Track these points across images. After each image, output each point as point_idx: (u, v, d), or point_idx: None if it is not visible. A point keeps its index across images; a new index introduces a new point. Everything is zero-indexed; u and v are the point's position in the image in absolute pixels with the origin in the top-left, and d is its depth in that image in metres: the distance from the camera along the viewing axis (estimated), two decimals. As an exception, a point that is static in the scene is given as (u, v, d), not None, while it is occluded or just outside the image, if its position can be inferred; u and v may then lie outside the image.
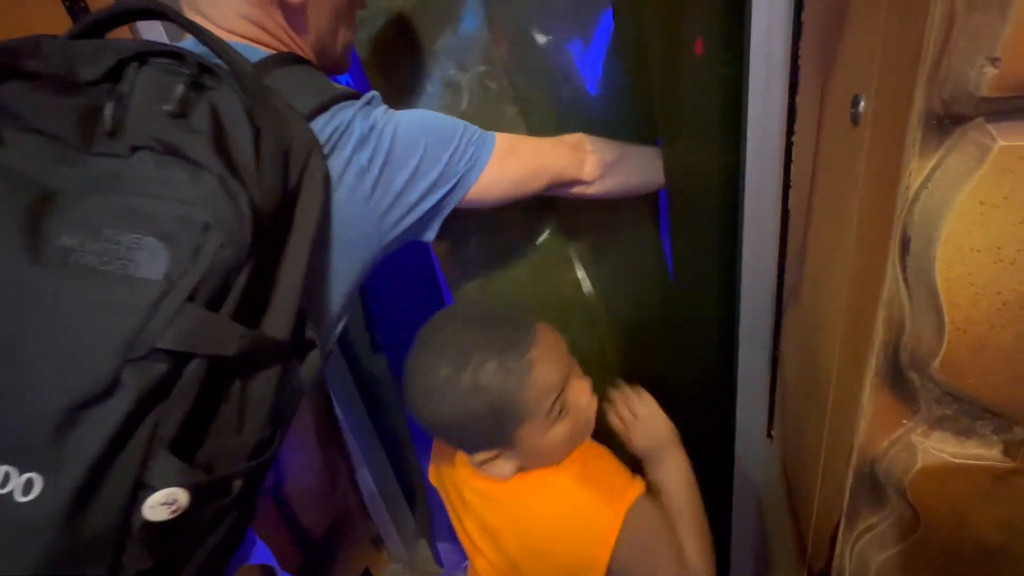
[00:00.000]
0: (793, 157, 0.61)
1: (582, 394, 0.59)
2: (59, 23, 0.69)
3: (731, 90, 0.70)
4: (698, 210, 0.82)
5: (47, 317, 0.35)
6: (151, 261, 0.36)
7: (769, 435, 0.83)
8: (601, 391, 0.98)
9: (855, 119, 0.39)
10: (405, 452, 1.28)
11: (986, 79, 0.26)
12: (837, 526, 0.47)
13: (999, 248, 0.30)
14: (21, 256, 0.35)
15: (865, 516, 0.45)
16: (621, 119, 0.81)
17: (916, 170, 0.31)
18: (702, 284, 0.88)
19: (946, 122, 0.29)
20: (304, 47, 0.55)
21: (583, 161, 0.65)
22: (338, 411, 1.13)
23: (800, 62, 0.56)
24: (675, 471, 0.64)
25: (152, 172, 0.38)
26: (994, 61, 0.26)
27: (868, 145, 0.37)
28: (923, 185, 0.31)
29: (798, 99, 0.57)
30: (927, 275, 0.32)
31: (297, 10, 0.52)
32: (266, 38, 0.52)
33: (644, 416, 0.67)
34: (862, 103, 0.37)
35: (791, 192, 0.62)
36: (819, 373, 0.51)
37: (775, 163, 0.66)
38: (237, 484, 0.41)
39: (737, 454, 0.93)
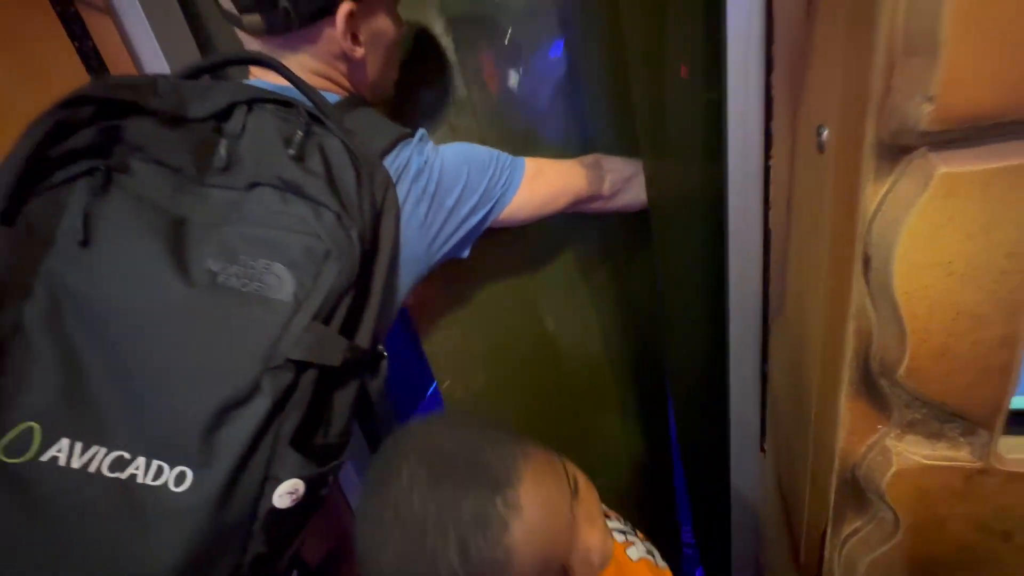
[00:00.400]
0: (771, 179, 0.64)
1: (592, 551, 0.42)
2: (68, 61, 0.72)
3: (712, 117, 0.75)
4: (685, 232, 0.85)
5: (199, 331, 0.41)
6: (280, 284, 0.42)
7: (762, 449, 0.85)
8: (594, 411, 1.01)
9: (820, 147, 0.42)
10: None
11: (925, 115, 0.29)
12: (825, 531, 0.49)
13: (949, 263, 0.33)
14: (174, 278, 0.40)
15: (850, 520, 0.47)
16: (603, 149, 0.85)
17: (872, 194, 0.34)
18: (692, 304, 0.91)
19: (895, 151, 0.33)
20: (364, 85, 0.62)
21: (602, 179, 0.71)
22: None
23: (773, 92, 0.60)
24: None
25: (277, 206, 0.44)
26: (930, 99, 0.29)
27: (832, 171, 0.40)
28: (878, 208, 0.34)
29: (773, 125, 0.61)
30: (887, 289, 0.35)
31: (359, 63, 0.58)
32: (334, 88, 0.59)
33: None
34: (825, 132, 0.41)
35: (771, 213, 0.65)
36: (803, 385, 0.54)
37: (756, 185, 0.70)
38: (331, 479, 0.47)
39: (732, 468, 0.94)
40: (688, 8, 0.71)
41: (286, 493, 0.42)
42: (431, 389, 2.10)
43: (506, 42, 0.77)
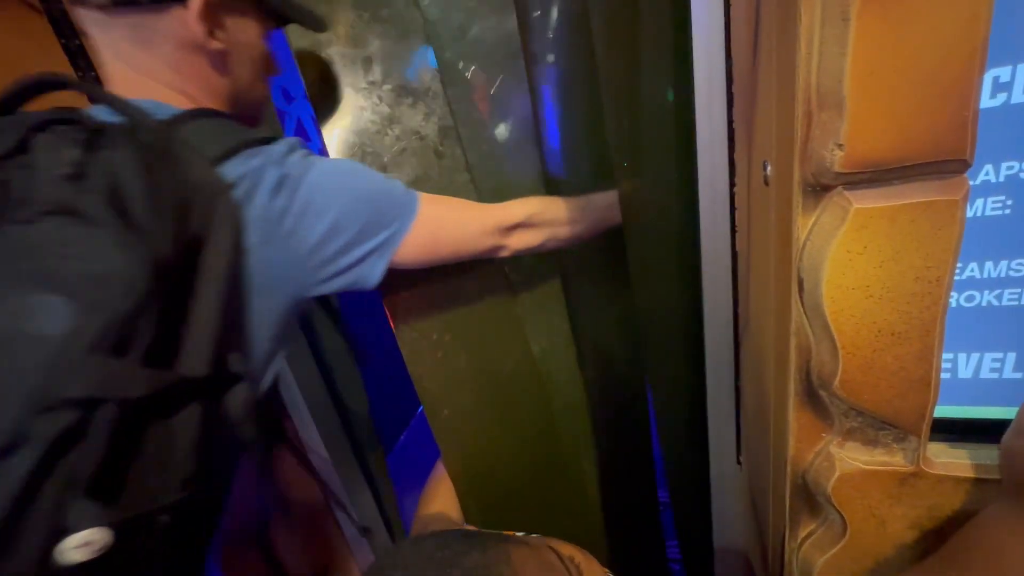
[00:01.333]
0: (736, 205, 0.69)
1: None
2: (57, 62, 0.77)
3: (683, 145, 0.80)
4: (664, 252, 0.89)
5: None
6: (54, 318, 0.38)
7: (739, 461, 0.88)
8: (578, 430, 1.04)
9: (765, 180, 0.47)
10: (388, 492, 1.31)
11: (837, 159, 0.34)
12: (784, 535, 0.52)
13: (868, 286, 0.37)
14: None
15: (805, 524, 0.50)
16: (576, 178, 0.90)
17: (802, 226, 0.38)
18: (671, 322, 0.95)
19: (817, 189, 0.37)
20: (222, 95, 0.58)
21: (508, 228, 0.67)
22: (325, 452, 1.16)
23: (734, 125, 0.65)
24: None
25: (55, 234, 0.40)
26: (840, 146, 0.34)
27: (774, 202, 0.45)
28: (807, 238, 0.38)
29: (735, 156, 0.66)
30: (819, 309, 0.39)
31: (217, 60, 0.55)
32: (190, 87, 0.55)
33: None
34: (768, 167, 0.45)
35: (736, 236, 0.70)
36: (763, 398, 0.57)
37: (723, 211, 0.74)
38: (163, 519, 0.42)
39: (713, 483, 0.97)
40: (660, 42, 0.77)
41: (78, 547, 0.37)
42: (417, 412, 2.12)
43: (491, 79, 0.83)
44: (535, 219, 0.70)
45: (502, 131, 0.84)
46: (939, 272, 0.35)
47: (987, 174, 0.40)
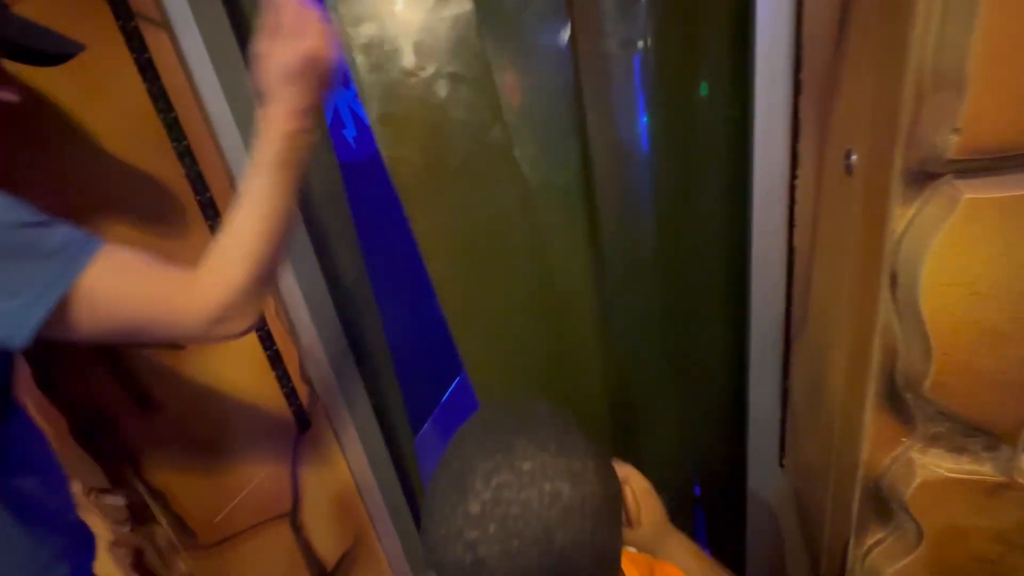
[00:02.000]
0: (796, 199, 0.66)
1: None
2: (126, 72, 0.77)
3: (734, 137, 0.77)
4: (704, 249, 0.87)
5: None
6: None
7: (781, 464, 0.86)
8: (613, 428, 1.02)
9: (848, 169, 0.44)
10: (415, 479, 1.31)
11: (951, 144, 0.32)
12: (847, 542, 0.50)
13: (973, 283, 0.35)
14: None
15: (873, 531, 0.48)
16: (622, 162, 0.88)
17: (899, 217, 0.36)
18: (710, 321, 0.93)
19: (922, 178, 0.35)
20: None
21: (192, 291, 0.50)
22: (356, 436, 1.16)
23: (800, 115, 0.63)
24: (677, 540, 0.59)
25: None
26: (957, 131, 0.31)
27: (860, 193, 0.42)
28: (906, 229, 0.36)
29: (800, 147, 0.64)
30: (914, 307, 0.37)
31: None
32: None
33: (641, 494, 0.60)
34: (854, 156, 0.43)
35: (795, 232, 0.67)
36: (825, 399, 0.55)
37: (780, 205, 0.72)
38: None
39: (750, 485, 0.95)
40: (717, 31, 0.74)
41: None
42: (455, 383, 2.14)
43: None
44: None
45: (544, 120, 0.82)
46: (1054, 270, 0.33)
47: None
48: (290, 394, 1.04)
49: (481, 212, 0.83)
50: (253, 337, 0.96)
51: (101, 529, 0.84)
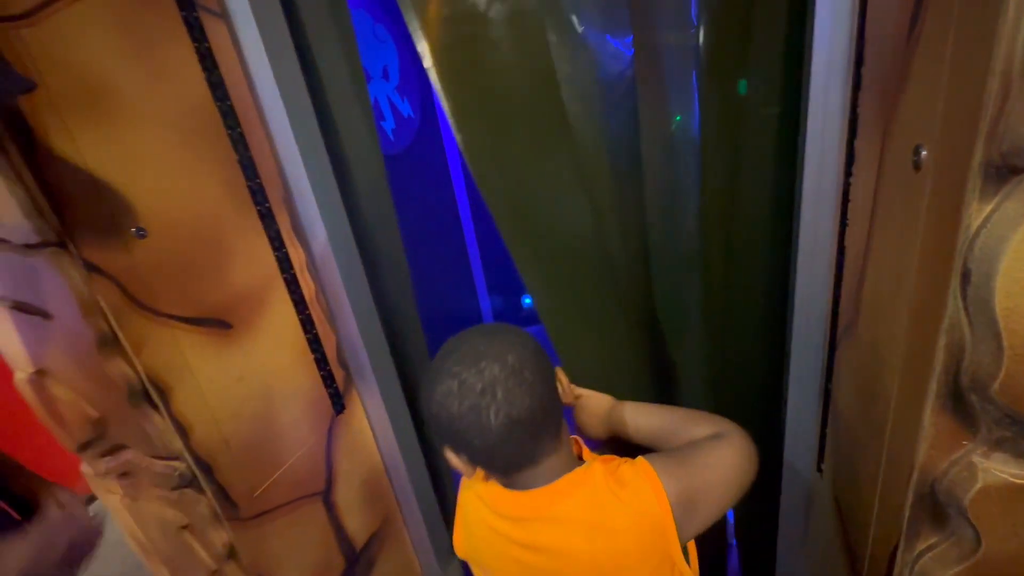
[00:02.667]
0: (851, 197, 0.65)
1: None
2: (188, 61, 0.80)
3: (785, 130, 0.76)
4: (750, 248, 0.86)
5: None
6: None
7: (819, 469, 0.84)
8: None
9: (917, 165, 0.43)
10: (446, 472, 1.33)
11: (1039, 137, 0.31)
12: (895, 547, 0.49)
13: (1054, 282, 0.33)
14: None
15: (925, 536, 0.47)
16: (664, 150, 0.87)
17: (976, 212, 0.35)
18: (752, 320, 0.91)
19: (1003, 172, 0.34)
20: None
21: None
22: (388, 422, 1.19)
23: (859, 110, 0.61)
24: (631, 408, 0.75)
25: None
26: (1046, 123, 0.30)
27: (929, 189, 0.41)
28: (983, 225, 0.35)
29: (857, 144, 0.62)
30: (987, 305, 0.36)
31: None
32: None
33: (584, 398, 0.78)
34: (923, 152, 0.42)
35: (848, 231, 0.66)
36: (877, 401, 0.54)
37: (831, 202, 0.70)
38: None
39: (785, 490, 0.93)
40: (771, 24, 0.73)
41: None
42: None
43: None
44: None
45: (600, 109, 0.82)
46: None
47: None
48: (327, 377, 1.07)
49: (545, 193, 0.83)
50: (295, 320, 0.99)
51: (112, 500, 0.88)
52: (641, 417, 0.73)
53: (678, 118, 0.82)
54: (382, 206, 1.05)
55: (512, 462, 0.57)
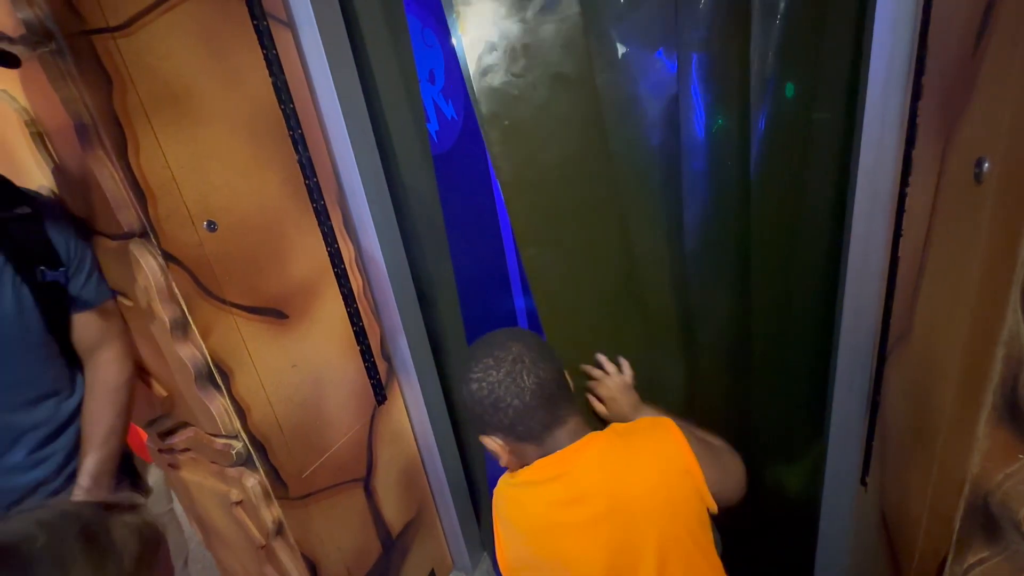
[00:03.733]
0: (906, 207, 0.64)
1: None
2: (257, 66, 0.85)
3: (836, 137, 0.75)
4: (797, 257, 0.85)
5: None
6: None
7: (863, 482, 0.83)
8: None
9: (978, 178, 0.43)
10: (479, 466, 1.36)
11: (1111, 153, 0.31)
12: (944, 560, 0.49)
13: (1122, 297, 0.33)
14: None
15: (976, 550, 0.47)
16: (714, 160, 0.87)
17: (1041, 225, 0.35)
18: (797, 330, 0.90)
19: (1071, 186, 0.34)
20: None
21: None
22: (426, 416, 1.22)
23: (918, 121, 0.61)
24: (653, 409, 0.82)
25: None
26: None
27: (991, 202, 0.41)
28: (1047, 238, 0.35)
29: (915, 153, 0.62)
30: (1049, 318, 0.36)
31: None
32: None
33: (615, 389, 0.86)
34: (987, 164, 0.42)
35: (902, 241, 0.65)
36: (931, 412, 0.54)
37: (884, 212, 0.70)
38: None
39: (825, 501, 0.92)
40: (825, 33, 0.73)
41: None
42: None
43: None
44: None
45: (642, 119, 0.83)
46: None
47: None
48: (371, 368, 1.12)
49: (575, 204, 0.85)
50: (344, 313, 1.04)
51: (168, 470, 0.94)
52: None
53: (720, 121, 0.82)
54: (429, 206, 1.09)
55: (544, 423, 0.65)
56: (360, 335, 1.08)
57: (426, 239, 1.13)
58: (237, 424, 0.84)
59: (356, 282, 1.06)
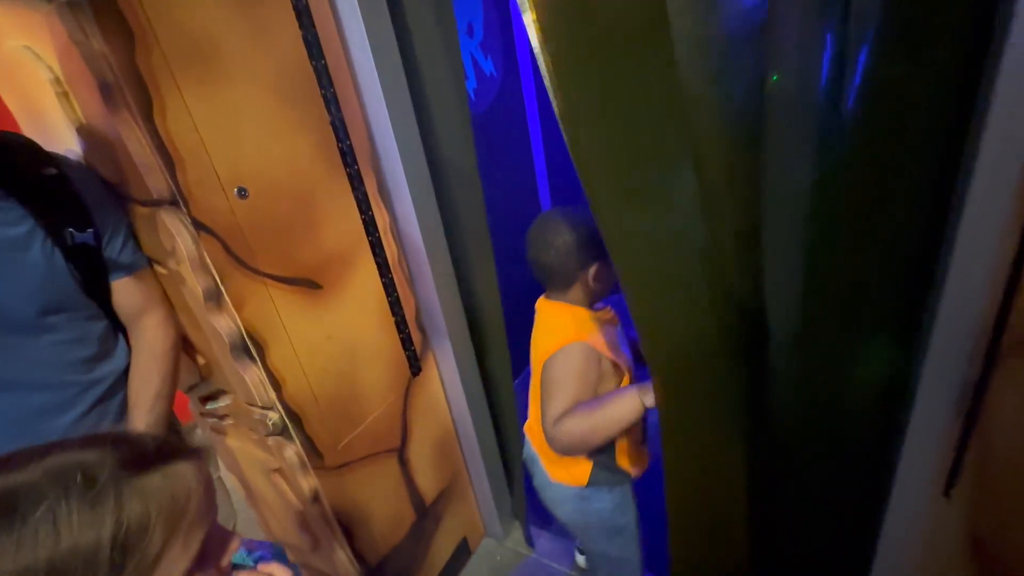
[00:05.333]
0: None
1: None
2: (287, 20, 0.79)
3: (949, 112, 0.63)
4: (884, 242, 0.74)
5: None
6: None
7: (947, 493, 0.74)
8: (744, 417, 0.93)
9: None
10: (512, 436, 1.34)
11: None
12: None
13: None
14: None
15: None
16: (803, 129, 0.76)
17: None
18: (871, 322, 0.80)
19: None
20: None
21: None
22: (460, 386, 1.20)
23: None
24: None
25: None
26: None
27: None
28: None
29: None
30: None
31: None
32: None
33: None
34: None
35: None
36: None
37: (1005, 204, 0.58)
38: None
39: (893, 506, 0.84)
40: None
41: None
42: None
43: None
44: None
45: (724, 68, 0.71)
46: None
47: None
48: (406, 340, 1.09)
49: (644, 154, 0.75)
50: (378, 283, 1.00)
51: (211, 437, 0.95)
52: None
53: (775, 77, 0.70)
54: (466, 170, 1.02)
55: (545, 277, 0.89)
56: (395, 306, 1.05)
57: (462, 205, 1.07)
58: (272, 395, 0.83)
59: (391, 251, 1.02)
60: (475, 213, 1.07)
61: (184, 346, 0.88)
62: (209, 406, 0.94)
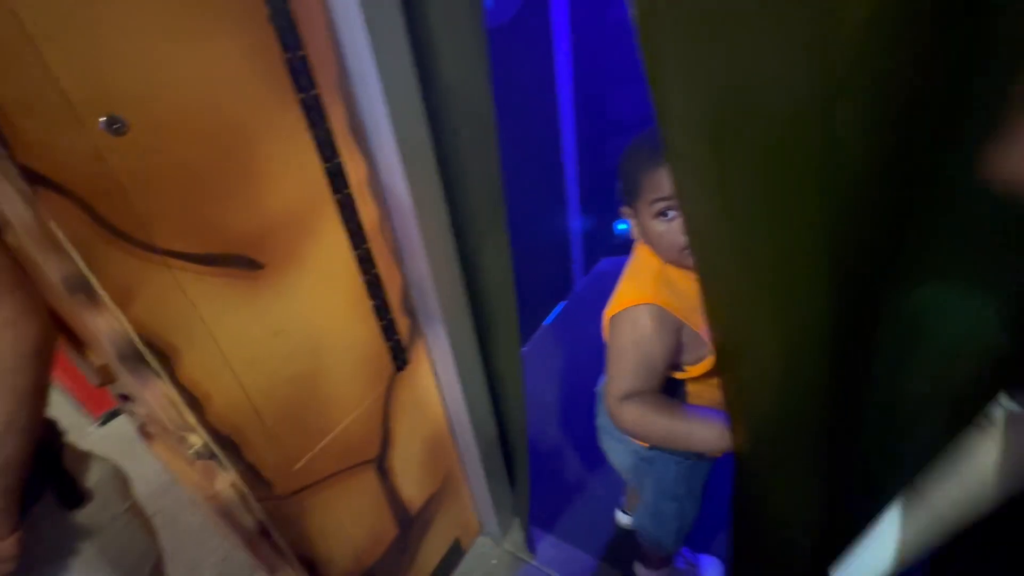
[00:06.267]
0: None
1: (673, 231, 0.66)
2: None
3: None
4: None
5: None
6: None
7: None
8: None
9: None
10: (518, 430, 1.12)
11: None
12: None
13: None
14: None
15: None
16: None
17: None
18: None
19: None
20: None
21: None
22: (456, 377, 0.97)
23: None
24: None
25: None
26: None
27: None
28: None
29: None
30: None
31: None
32: None
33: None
34: None
35: None
36: None
37: None
38: None
39: None
40: None
41: None
42: (558, 308, 1.90)
43: None
44: None
45: None
46: None
47: None
48: (388, 328, 0.84)
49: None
50: (349, 260, 0.74)
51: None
52: None
53: None
54: (476, 101, 0.72)
55: None
56: (373, 286, 0.79)
57: (468, 150, 0.78)
58: (190, 418, 0.60)
59: (368, 213, 0.75)
60: (485, 160, 0.78)
61: (75, 343, 0.64)
62: (125, 408, 0.72)
